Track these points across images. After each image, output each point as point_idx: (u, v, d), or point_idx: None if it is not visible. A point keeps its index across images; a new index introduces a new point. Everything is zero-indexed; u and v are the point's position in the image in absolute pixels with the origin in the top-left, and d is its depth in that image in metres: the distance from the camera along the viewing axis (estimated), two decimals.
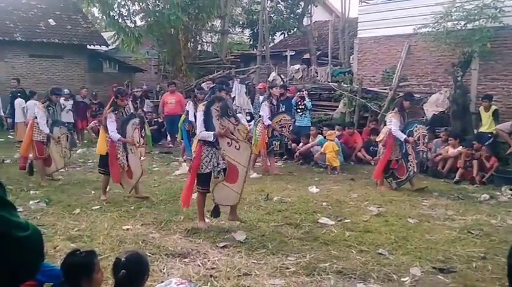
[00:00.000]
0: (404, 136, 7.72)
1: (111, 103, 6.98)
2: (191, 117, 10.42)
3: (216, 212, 5.72)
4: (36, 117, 8.14)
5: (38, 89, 16.30)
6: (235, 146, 5.57)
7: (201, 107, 5.57)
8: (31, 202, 6.67)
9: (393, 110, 8.12)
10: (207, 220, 5.89)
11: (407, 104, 7.97)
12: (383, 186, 7.97)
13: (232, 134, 5.54)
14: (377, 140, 8.64)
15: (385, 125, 8.66)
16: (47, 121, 8.04)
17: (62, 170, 9.01)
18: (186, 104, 13.18)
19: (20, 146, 11.22)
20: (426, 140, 8.04)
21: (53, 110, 8.19)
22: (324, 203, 6.88)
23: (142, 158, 7.51)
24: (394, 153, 7.89)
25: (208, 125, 5.47)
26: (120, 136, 6.81)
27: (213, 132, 5.43)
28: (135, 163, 7.08)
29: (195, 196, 5.87)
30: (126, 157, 6.98)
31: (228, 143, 5.54)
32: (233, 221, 5.82)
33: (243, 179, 5.69)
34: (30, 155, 8.43)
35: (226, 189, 5.63)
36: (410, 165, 7.84)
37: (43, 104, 8.16)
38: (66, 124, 9.14)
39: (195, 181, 5.67)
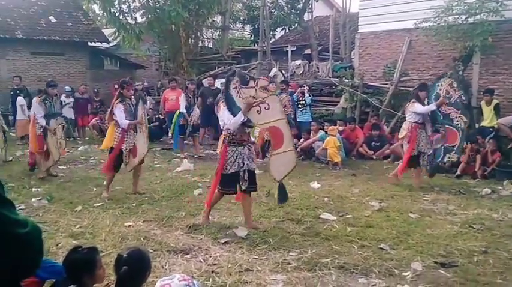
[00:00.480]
0: (433, 105, 7.54)
1: (117, 95, 7.07)
2: (183, 109, 10.57)
3: (283, 197, 5.53)
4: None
5: (39, 87, 16.30)
6: (265, 107, 5.24)
7: (222, 104, 5.38)
8: (33, 199, 6.70)
9: (410, 101, 7.89)
10: (210, 217, 5.92)
11: (424, 94, 7.75)
12: (394, 181, 7.90)
13: (255, 99, 5.23)
14: (399, 137, 8.23)
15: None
16: (45, 115, 8.11)
17: (63, 167, 9.05)
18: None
19: (21, 143, 11.31)
20: (455, 85, 7.66)
21: (50, 103, 8.24)
22: (326, 199, 6.89)
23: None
24: (417, 147, 7.68)
25: (234, 111, 5.25)
26: (128, 121, 6.90)
27: (240, 112, 5.18)
28: (142, 142, 7.17)
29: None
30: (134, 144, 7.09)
31: (258, 111, 5.24)
32: (235, 217, 5.83)
33: (288, 132, 5.39)
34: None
35: (279, 157, 5.37)
36: (458, 121, 7.54)
37: (40, 98, 8.23)
38: (63, 114, 9.13)
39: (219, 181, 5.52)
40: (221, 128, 5.59)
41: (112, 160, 7.05)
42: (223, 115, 5.34)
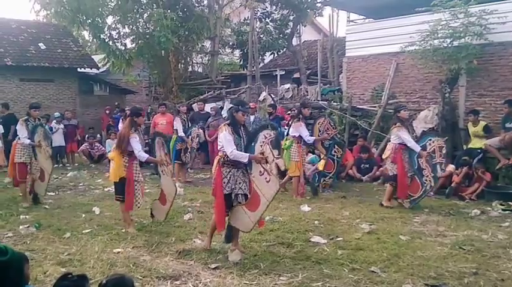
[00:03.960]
0: (419, 147, 7.59)
1: (130, 122, 6.48)
2: (181, 133, 10.30)
3: (228, 237, 5.54)
4: (19, 138, 8.10)
5: None
6: (266, 178, 5.32)
7: (225, 128, 5.33)
8: (21, 227, 6.59)
9: (395, 125, 7.93)
10: (198, 241, 5.87)
11: (403, 113, 7.89)
12: (389, 202, 7.87)
13: (266, 161, 5.31)
14: (383, 157, 8.48)
15: (386, 141, 8.60)
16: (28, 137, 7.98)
17: (52, 193, 8.96)
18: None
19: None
20: (444, 152, 7.78)
21: (32, 125, 8.08)
22: (316, 222, 6.87)
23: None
24: (406, 167, 7.76)
25: (249, 151, 5.32)
26: (148, 156, 6.50)
27: (248, 155, 5.24)
28: (168, 184, 6.77)
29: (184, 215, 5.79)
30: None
31: (260, 171, 5.32)
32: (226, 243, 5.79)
33: (261, 211, 5.43)
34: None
35: (243, 213, 5.41)
36: (426, 180, 7.66)
37: (22, 119, 8.18)
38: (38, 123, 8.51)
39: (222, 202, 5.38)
40: (218, 148, 5.52)
41: (130, 195, 6.49)
42: (226, 140, 5.27)
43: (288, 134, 9.16)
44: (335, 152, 9.31)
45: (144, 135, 13.10)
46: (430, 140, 7.79)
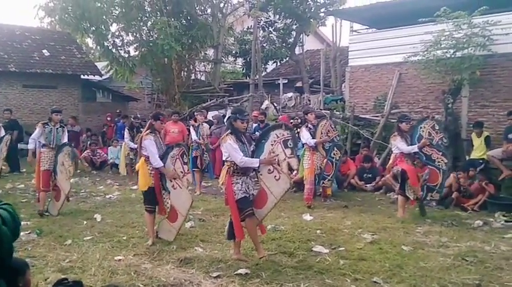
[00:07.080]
0: (416, 147, 7.65)
1: (148, 126, 6.39)
2: (194, 137, 10.13)
3: (231, 234, 5.55)
4: (41, 146, 7.99)
5: (31, 120, 16.34)
6: (275, 176, 5.42)
7: (228, 137, 5.31)
8: (22, 233, 6.55)
9: (393, 134, 8.06)
10: (200, 249, 5.85)
11: (404, 125, 7.86)
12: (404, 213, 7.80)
13: (278, 164, 5.41)
14: (387, 167, 8.74)
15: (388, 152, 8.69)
16: (41, 141, 7.88)
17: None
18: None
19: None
20: (437, 128, 7.76)
21: (51, 129, 7.95)
22: (318, 231, 6.84)
23: (189, 187, 6.66)
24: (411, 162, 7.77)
25: (258, 148, 5.44)
26: (162, 164, 6.15)
27: (258, 160, 5.36)
28: (182, 196, 6.30)
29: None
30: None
31: (269, 169, 5.43)
32: (227, 250, 5.77)
33: (268, 209, 5.53)
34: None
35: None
36: (439, 162, 7.63)
37: (42, 122, 8.09)
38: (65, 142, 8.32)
39: (238, 209, 5.38)
40: (223, 159, 5.54)
41: (161, 203, 6.34)
42: (232, 149, 5.28)
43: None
44: (334, 154, 9.30)
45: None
46: (421, 128, 7.81)
